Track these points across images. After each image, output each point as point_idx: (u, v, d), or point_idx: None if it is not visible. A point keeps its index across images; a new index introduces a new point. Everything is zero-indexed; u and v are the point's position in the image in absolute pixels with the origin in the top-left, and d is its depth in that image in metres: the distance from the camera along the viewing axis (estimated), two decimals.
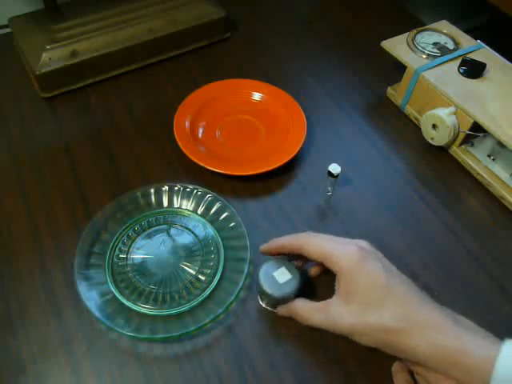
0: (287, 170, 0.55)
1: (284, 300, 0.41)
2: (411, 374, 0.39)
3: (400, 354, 0.36)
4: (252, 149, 0.56)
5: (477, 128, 0.53)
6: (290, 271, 0.42)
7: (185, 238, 0.48)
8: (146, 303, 0.43)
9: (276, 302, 0.42)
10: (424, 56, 0.59)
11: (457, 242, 0.50)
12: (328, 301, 0.39)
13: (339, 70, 0.68)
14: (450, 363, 0.34)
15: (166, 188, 0.51)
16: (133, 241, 0.48)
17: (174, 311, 0.43)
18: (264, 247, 0.44)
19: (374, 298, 0.36)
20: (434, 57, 0.59)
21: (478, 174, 0.55)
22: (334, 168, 0.49)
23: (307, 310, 0.40)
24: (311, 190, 0.53)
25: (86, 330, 0.42)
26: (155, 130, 0.58)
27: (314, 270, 0.45)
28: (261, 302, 0.44)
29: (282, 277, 0.41)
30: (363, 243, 0.40)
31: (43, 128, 0.58)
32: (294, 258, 0.43)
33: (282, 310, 0.42)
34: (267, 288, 0.41)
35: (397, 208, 0.52)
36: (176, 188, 0.51)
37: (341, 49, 0.71)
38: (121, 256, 0.47)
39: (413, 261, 0.48)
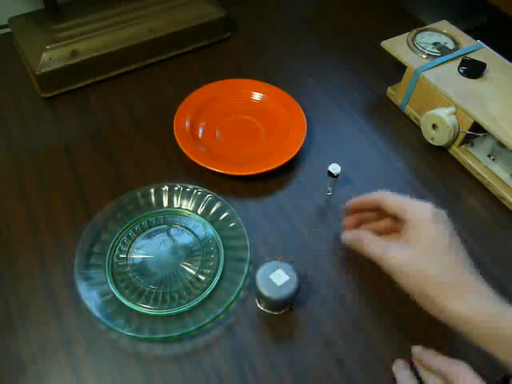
0: (287, 170, 0.55)
1: (282, 302, 0.41)
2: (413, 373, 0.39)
3: (436, 309, 0.37)
4: (252, 149, 0.56)
5: (477, 128, 0.53)
6: (287, 273, 0.41)
7: (185, 238, 0.48)
8: (146, 303, 0.43)
9: (274, 304, 0.42)
10: (424, 56, 0.59)
11: None
12: (390, 241, 0.42)
13: (339, 70, 0.68)
14: (485, 328, 0.35)
15: (165, 188, 0.51)
16: (133, 241, 0.48)
17: (173, 311, 0.43)
18: (345, 206, 0.47)
19: (432, 252, 0.38)
20: (434, 57, 0.59)
21: (478, 173, 0.55)
22: (334, 168, 0.49)
23: (372, 239, 0.42)
24: (311, 190, 0.53)
25: (86, 330, 0.42)
26: (155, 129, 0.58)
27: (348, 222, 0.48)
28: (258, 305, 0.44)
29: (279, 279, 0.41)
30: (439, 210, 0.42)
31: (43, 128, 0.58)
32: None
33: (348, 236, 0.45)
34: (265, 291, 0.41)
35: None
36: (176, 188, 0.51)
37: (341, 49, 0.71)
38: (121, 256, 0.47)
39: None
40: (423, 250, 0.38)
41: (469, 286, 0.37)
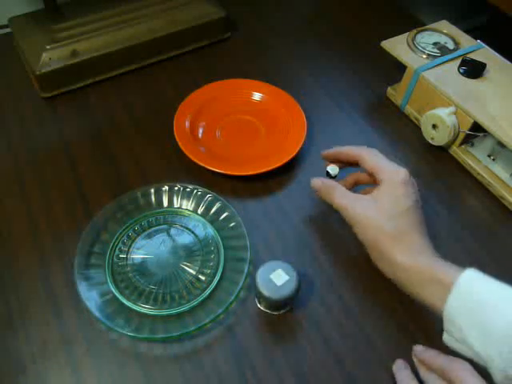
0: (287, 170, 0.55)
1: (282, 302, 0.41)
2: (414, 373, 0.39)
3: (384, 261, 0.42)
4: (252, 149, 0.56)
5: (477, 128, 0.53)
6: (287, 273, 0.41)
7: (185, 238, 0.48)
8: (146, 303, 0.43)
9: (274, 304, 0.42)
10: (424, 56, 0.59)
11: (457, 242, 0.50)
12: (357, 194, 0.45)
13: (339, 70, 0.68)
14: (418, 278, 0.39)
15: (165, 188, 0.51)
16: (133, 241, 0.48)
17: (173, 311, 0.43)
18: (325, 152, 0.49)
19: (393, 211, 0.42)
20: (434, 57, 0.59)
21: (478, 173, 0.55)
22: (332, 169, 0.49)
23: (343, 192, 0.45)
24: (311, 190, 0.53)
25: (86, 330, 0.42)
26: (155, 130, 0.58)
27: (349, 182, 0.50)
28: (259, 305, 0.44)
29: (279, 279, 0.41)
30: (412, 178, 0.45)
31: (43, 128, 0.58)
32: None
33: (317, 182, 0.47)
34: (265, 291, 0.41)
35: None
36: (176, 188, 0.51)
37: (341, 49, 0.71)
38: (121, 256, 0.47)
39: None
40: (386, 208, 0.42)
41: (413, 242, 0.41)
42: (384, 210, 0.42)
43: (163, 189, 0.51)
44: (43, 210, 0.50)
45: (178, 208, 0.50)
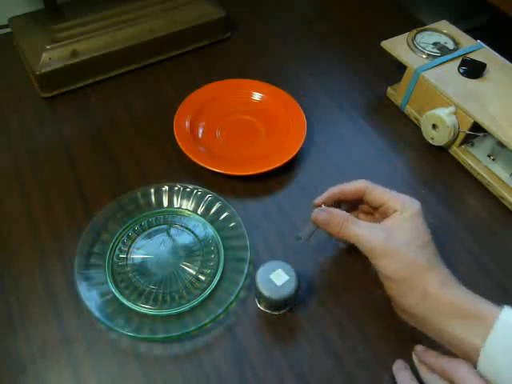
0: (287, 170, 0.55)
1: (282, 302, 0.41)
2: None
3: (412, 293, 0.39)
4: (252, 149, 0.56)
5: (477, 128, 0.53)
6: (287, 273, 0.41)
7: (185, 238, 0.48)
8: (146, 303, 0.43)
9: (274, 304, 0.42)
10: (424, 56, 0.59)
11: (457, 242, 0.50)
12: (369, 223, 0.42)
13: (339, 70, 0.68)
14: (454, 311, 0.37)
15: (165, 188, 0.51)
16: (133, 241, 0.48)
17: (173, 311, 0.43)
18: (320, 199, 0.44)
19: (419, 242, 0.40)
20: (434, 57, 0.59)
21: (478, 174, 0.55)
22: None
23: (355, 220, 0.41)
24: (311, 190, 0.53)
25: (86, 330, 0.42)
26: (155, 130, 0.58)
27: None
28: (259, 305, 0.44)
29: (279, 279, 0.41)
30: None
31: (43, 128, 0.58)
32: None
33: (321, 215, 0.42)
34: (265, 291, 0.41)
35: None
36: (176, 188, 0.51)
37: (341, 49, 0.71)
38: (121, 256, 0.47)
39: None
40: (411, 239, 0.40)
41: (449, 277, 0.39)
42: (409, 240, 0.40)
43: (163, 189, 0.51)
44: (43, 210, 0.50)
45: (178, 208, 0.50)
